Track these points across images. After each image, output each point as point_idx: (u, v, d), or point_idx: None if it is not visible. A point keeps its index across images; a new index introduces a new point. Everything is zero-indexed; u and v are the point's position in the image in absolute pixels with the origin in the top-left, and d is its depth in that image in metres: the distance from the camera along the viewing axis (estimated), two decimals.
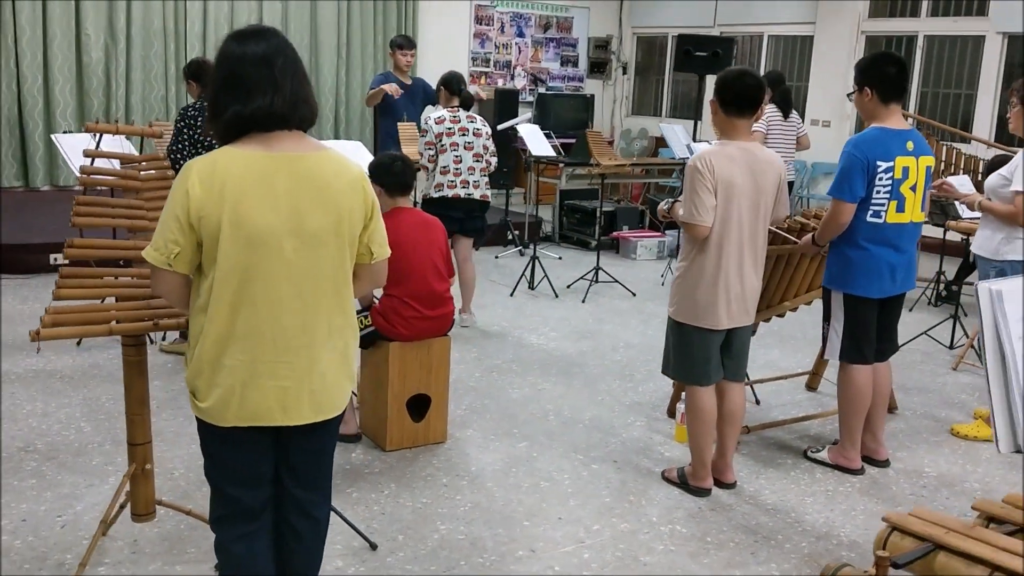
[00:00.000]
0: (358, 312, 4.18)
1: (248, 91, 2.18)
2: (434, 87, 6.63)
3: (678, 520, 3.67)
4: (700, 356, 3.76)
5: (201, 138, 5.04)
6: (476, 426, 4.52)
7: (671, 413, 4.73)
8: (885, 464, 4.27)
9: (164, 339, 5.51)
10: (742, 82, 3.65)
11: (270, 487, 2.43)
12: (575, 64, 12.84)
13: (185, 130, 5.09)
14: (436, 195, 6.04)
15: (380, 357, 4.15)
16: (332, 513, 3.33)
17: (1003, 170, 4.38)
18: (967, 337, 6.02)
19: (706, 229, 3.61)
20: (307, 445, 2.41)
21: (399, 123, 7.46)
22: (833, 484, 4.07)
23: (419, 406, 4.22)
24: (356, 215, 2.32)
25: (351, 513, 3.52)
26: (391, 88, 7.24)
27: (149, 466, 3.09)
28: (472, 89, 7.08)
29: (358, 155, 6.55)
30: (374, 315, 4.12)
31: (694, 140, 8.24)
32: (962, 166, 7.56)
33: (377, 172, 4.24)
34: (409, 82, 7.64)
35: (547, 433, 4.49)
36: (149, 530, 3.34)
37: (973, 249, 4.63)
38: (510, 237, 9.01)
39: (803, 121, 8.65)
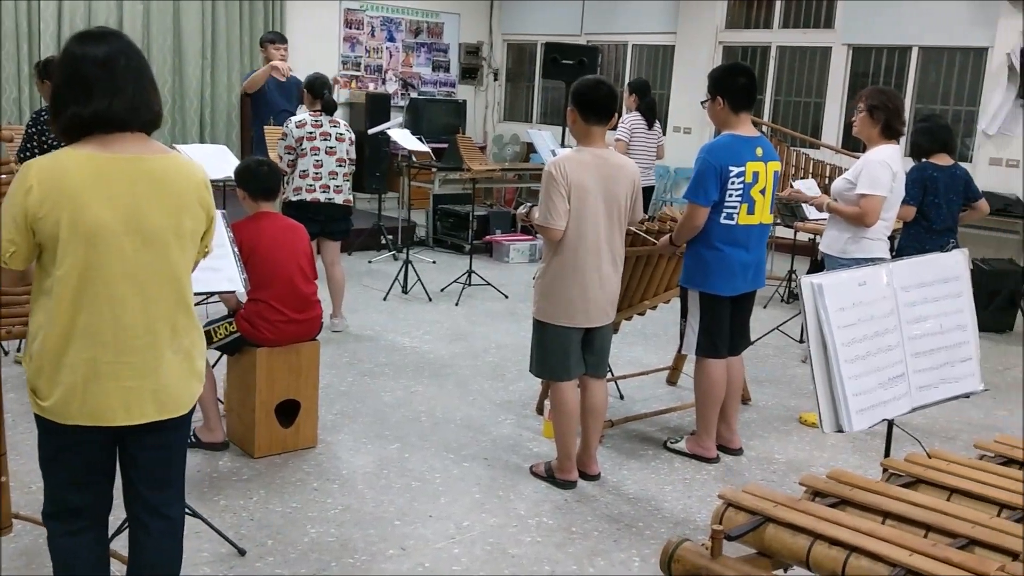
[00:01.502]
0: (223, 318, 4.15)
1: (88, 92, 2.19)
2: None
3: (545, 512, 3.79)
4: (560, 353, 3.90)
5: (53, 143, 4.88)
6: (347, 430, 4.54)
7: (539, 410, 4.86)
8: (739, 452, 4.51)
9: (19, 350, 5.30)
10: (598, 91, 3.81)
11: (107, 486, 2.44)
12: (447, 69, 12.92)
13: (35, 135, 4.91)
14: (295, 199, 6.01)
15: (247, 363, 4.13)
16: (200, 521, 3.33)
17: (848, 174, 4.69)
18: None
19: (559, 232, 3.75)
20: (153, 444, 2.41)
21: (265, 126, 7.39)
22: (691, 472, 4.28)
23: (288, 412, 4.21)
24: (198, 217, 2.37)
25: (219, 520, 3.49)
26: (284, 67, 7.13)
27: (4, 478, 3.00)
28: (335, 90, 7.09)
29: (223, 159, 6.46)
30: (239, 320, 4.08)
31: (562, 146, 8.45)
32: (811, 170, 8.02)
33: (242, 177, 4.21)
34: (283, 79, 7.57)
35: (419, 434, 4.54)
36: (6, 544, 3.23)
37: (822, 248, 4.94)
38: (383, 242, 9.02)
39: (665, 128, 9.00)
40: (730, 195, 4.08)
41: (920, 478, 2.08)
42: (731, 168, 4.05)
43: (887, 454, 2.38)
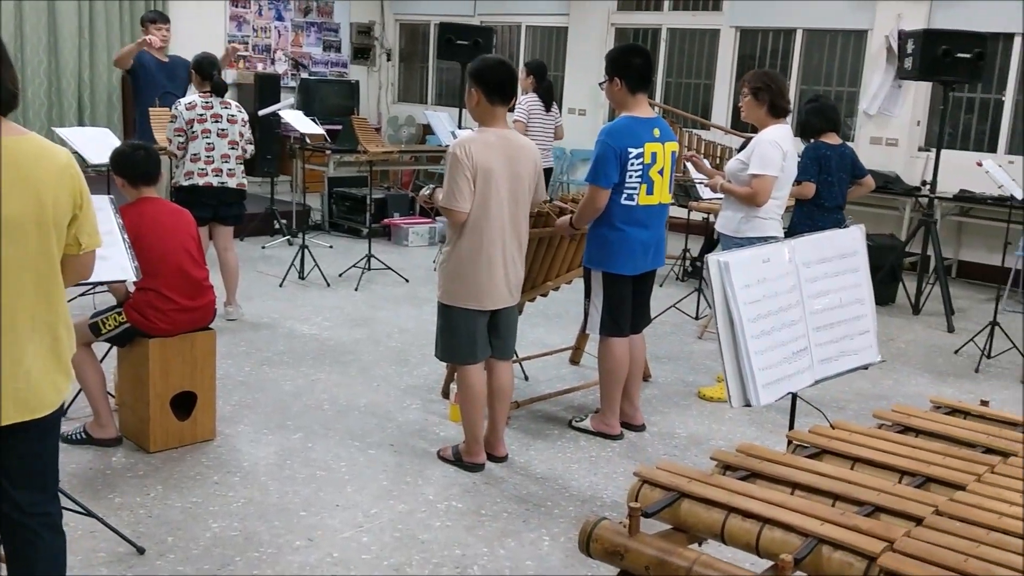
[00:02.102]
0: (111, 308, 3.97)
1: None
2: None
3: (454, 496, 3.78)
4: (467, 336, 3.87)
5: None
6: (247, 421, 4.42)
7: (445, 394, 4.83)
8: (642, 428, 4.59)
9: None
10: (501, 71, 3.79)
11: None
12: (338, 49, 12.67)
13: None
14: (186, 183, 5.80)
15: (138, 355, 3.96)
16: (95, 520, 3.18)
17: (741, 154, 4.79)
18: (711, 308, 6.53)
19: (463, 215, 3.72)
20: (18, 446, 2.26)
21: (150, 108, 7.10)
22: (596, 450, 4.32)
23: (184, 404, 4.07)
24: (62, 204, 2.20)
25: (115, 519, 3.34)
26: (155, 40, 6.84)
27: None
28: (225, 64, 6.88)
29: (105, 143, 6.18)
30: (128, 311, 3.91)
31: (459, 127, 8.40)
32: (703, 151, 8.19)
33: (118, 163, 4.02)
34: (166, 59, 7.28)
35: (322, 423, 4.46)
36: None
37: (717, 228, 5.04)
38: (277, 226, 8.80)
39: (561, 110, 9.03)
40: (630, 176, 4.11)
41: (825, 448, 2.14)
42: (630, 150, 4.09)
43: (791, 427, 2.44)
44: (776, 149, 4.58)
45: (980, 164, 6.14)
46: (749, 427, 4.71)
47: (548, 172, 8.41)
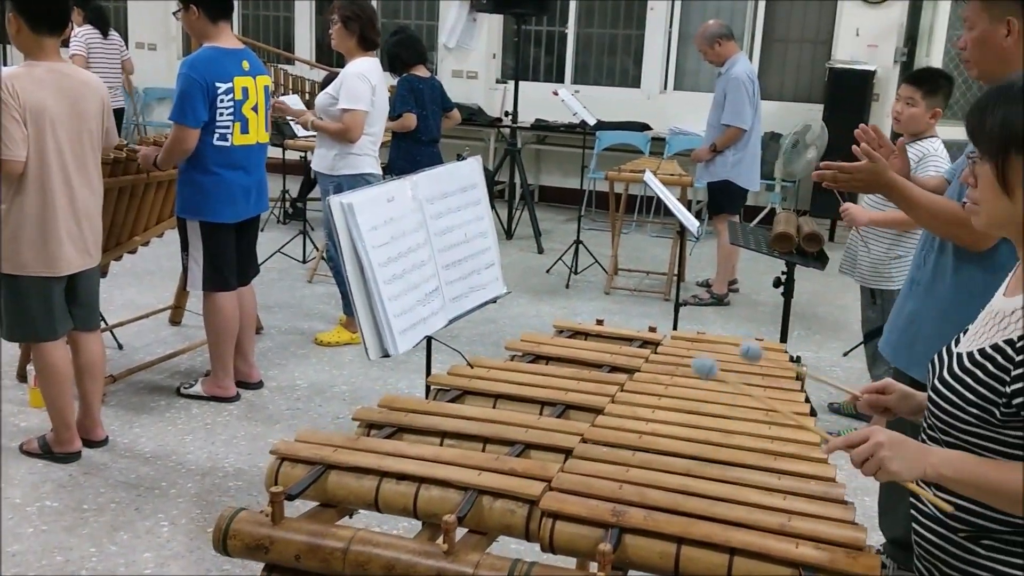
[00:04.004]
0: None
1: None
2: None
3: (47, 495, 3.25)
4: (41, 308, 3.31)
5: None
6: None
7: (21, 377, 4.15)
8: (259, 385, 4.31)
9: None
10: None
11: None
12: None
13: None
14: None
15: None
16: None
17: (330, 89, 4.57)
18: (317, 250, 6.33)
19: (20, 164, 3.14)
20: None
21: None
22: (211, 416, 3.98)
23: None
24: None
25: None
26: None
27: None
28: None
29: None
30: None
31: (4, 64, 7.22)
32: (291, 87, 7.86)
33: None
34: None
35: None
36: None
37: (313, 166, 4.82)
38: None
39: (128, 45, 8.15)
40: (221, 114, 3.75)
41: (466, 389, 2.07)
42: (218, 84, 3.72)
43: (428, 371, 2.35)
44: (364, 82, 4.44)
45: (556, 94, 6.52)
46: (371, 368, 4.63)
47: (120, 114, 7.58)
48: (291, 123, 6.10)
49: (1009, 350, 1.35)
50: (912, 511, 1.60)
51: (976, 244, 2.26)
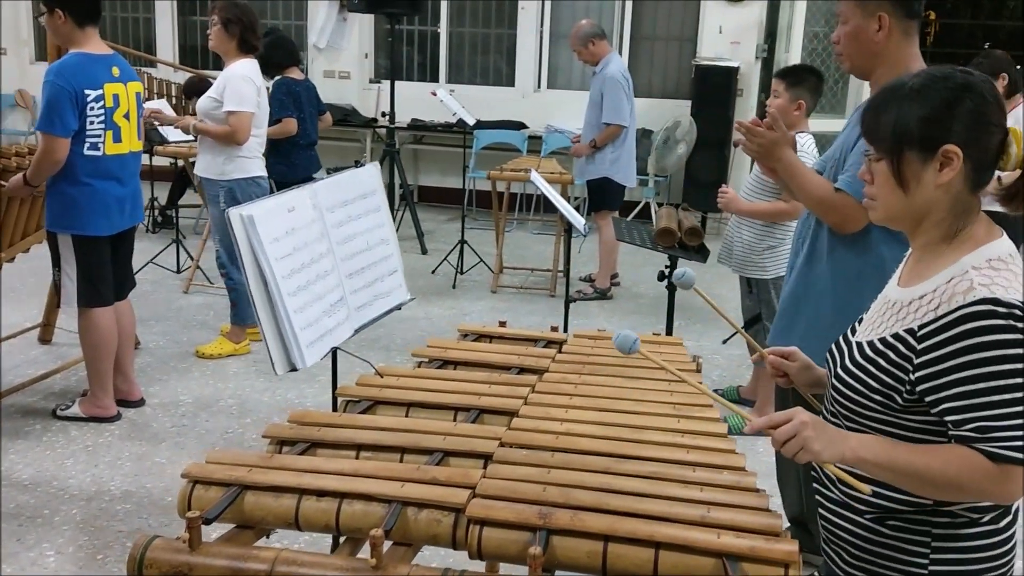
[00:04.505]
0: None
1: None
2: None
3: None
4: None
5: None
6: None
7: None
8: (141, 403, 4.15)
9: None
10: None
11: None
12: None
13: None
14: None
15: None
16: None
17: (212, 92, 4.44)
18: (192, 259, 6.12)
19: None
20: None
21: None
22: (92, 438, 3.81)
23: None
24: None
25: None
26: None
27: None
28: None
29: None
30: None
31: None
32: (156, 91, 7.56)
33: None
34: None
35: None
36: None
37: (198, 172, 4.67)
38: None
39: None
40: (91, 123, 3.60)
41: (377, 399, 2.04)
42: (88, 92, 3.56)
43: (335, 383, 2.31)
44: (250, 84, 4.36)
45: (435, 94, 6.50)
46: (258, 379, 4.52)
47: None
48: (159, 128, 5.87)
49: (911, 339, 1.42)
50: (817, 497, 1.67)
51: (844, 226, 2.39)
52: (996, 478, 1.35)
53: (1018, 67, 5.01)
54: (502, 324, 2.58)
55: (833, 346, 1.66)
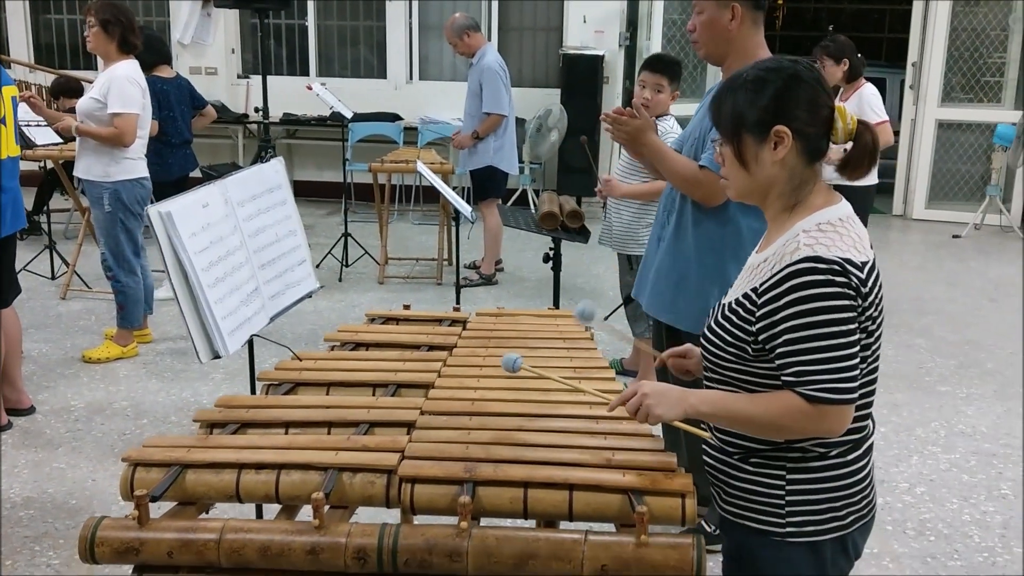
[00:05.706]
0: None
1: None
2: None
3: None
4: None
5: None
6: None
7: None
8: (31, 411, 4.10)
9: None
10: None
11: None
12: None
13: None
14: None
15: None
16: None
17: (95, 92, 4.39)
18: (67, 265, 5.98)
19: None
20: None
21: None
22: None
23: None
24: None
25: None
26: None
27: None
28: None
29: None
30: None
31: None
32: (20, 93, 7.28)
33: None
34: None
35: None
36: None
37: (79, 175, 4.59)
38: None
39: None
40: None
41: (297, 381, 2.16)
42: None
43: (252, 370, 2.41)
44: (135, 86, 4.35)
45: (310, 88, 6.54)
46: (150, 380, 4.51)
47: None
48: (25, 131, 5.71)
49: (754, 296, 1.65)
50: (703, 445, 1.90)
51: (710, 200, 2.63)
52: (813, 417, 1.57)
53: (859, 55, 5.45)
54: (407, 307, 2.73)
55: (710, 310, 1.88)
